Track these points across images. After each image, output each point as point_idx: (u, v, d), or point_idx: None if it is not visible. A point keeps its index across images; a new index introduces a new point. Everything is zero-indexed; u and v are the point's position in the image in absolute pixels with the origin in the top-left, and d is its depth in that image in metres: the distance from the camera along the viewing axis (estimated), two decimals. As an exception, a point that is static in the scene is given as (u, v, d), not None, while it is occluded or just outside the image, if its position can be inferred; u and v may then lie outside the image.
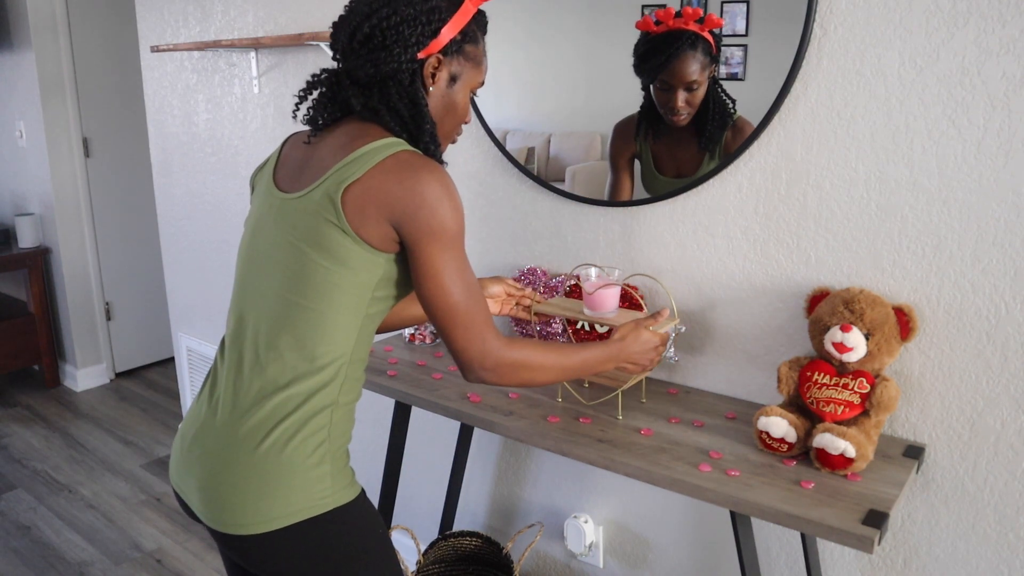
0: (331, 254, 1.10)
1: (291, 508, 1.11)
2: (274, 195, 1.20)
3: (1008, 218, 1.29)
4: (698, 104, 1.56)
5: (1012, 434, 1.35)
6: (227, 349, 1.21)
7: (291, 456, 1.12)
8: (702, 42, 1.52)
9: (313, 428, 1.13)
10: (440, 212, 1.10)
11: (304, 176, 1.17)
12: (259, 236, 1.20)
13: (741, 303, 1.60)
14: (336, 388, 1.15)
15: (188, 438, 1.20)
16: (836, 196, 1.45)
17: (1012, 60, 1.24)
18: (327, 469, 1.14)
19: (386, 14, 1.13)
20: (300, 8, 2.29)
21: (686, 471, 1.32)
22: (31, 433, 3.44)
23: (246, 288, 1.21)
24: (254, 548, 1.13)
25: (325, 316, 1.12)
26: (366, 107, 1.17)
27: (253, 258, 1.20)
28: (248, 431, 1.12)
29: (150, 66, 2.93)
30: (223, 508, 1.13)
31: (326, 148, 1.17)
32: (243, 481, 1.12)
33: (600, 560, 1.96)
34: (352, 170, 1.10)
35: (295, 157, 1.22)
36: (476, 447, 2.15)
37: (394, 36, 1.13)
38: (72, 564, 2.51)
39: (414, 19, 1.13)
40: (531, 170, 1.85)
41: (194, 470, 1.17)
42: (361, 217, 1.09)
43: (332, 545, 1.15)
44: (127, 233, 3.95)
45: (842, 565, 1.58)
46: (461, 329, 1.14)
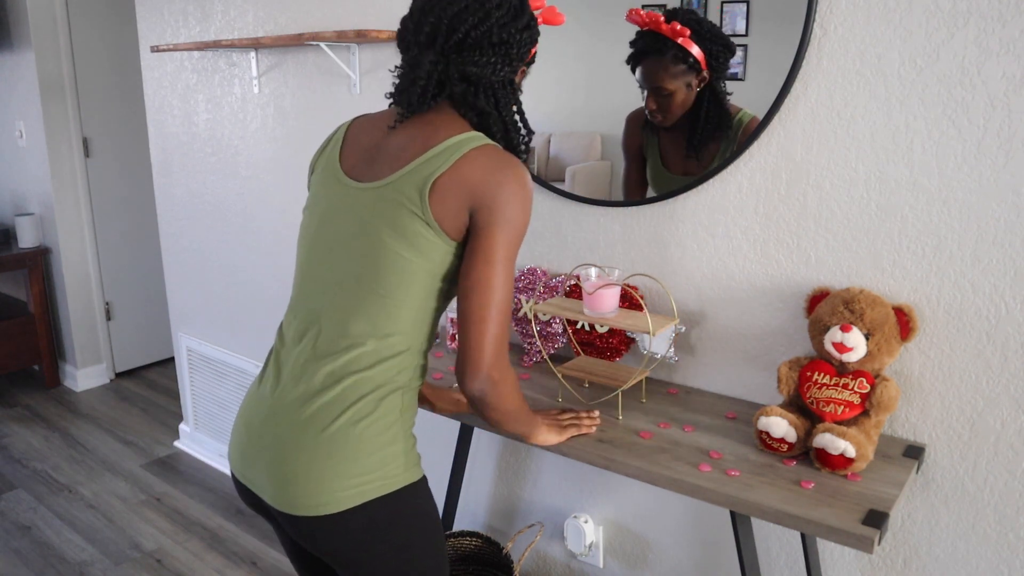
0: (410, 243, 1.13)
1: (366, 485, 1.13)
2: (345, 183, 1.20)
3: (1008, 218, 1.29)
4: (676, 111, 1.57)
5: (1012, 434, 1.35)
6: (293, 334, 1.22)
7: (363, 433, 1.13)
8: (673, 50, 1.53)
9: (386, 409, 1.15)
10: (516, 203, 1.13)
11: (379, 165, 1.18)
12: (329, 224, 1.21)
13: (741, 303, 1.60)
14: (408, 373, 1.18)
15: (256, 423, 1.19)
16: (836, 196, 1.45)
17: (1012, 60, 1.24)
18: (400, 448, 1.17)
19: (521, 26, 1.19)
20: (300, 8, 2.29)
21: (686, 471, 1.32)
22: (31, 433, 3.44)
23: (313, 275, 1.21)
24: (326, 529, 1.13)
25: (400, 304, 1.14)
26: (474, 107, 1.19)
27: (321, 246, 1.21)
28: (317, 412, 1.14)
29: (150, 66, 2.93)
30: (297, 489, 1.13)
31: (404, 137, 1.18)
32: (317, 461, 1.12)
33: (600, 560, 1.96)
34: (439, 162, 1.13)
35: (365, 143, 1.23)
36: (476, 447, 2.15)
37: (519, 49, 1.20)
38: (72, 564, 2.51)
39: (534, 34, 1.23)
40: (531, 170, 1.85)
41: (265, 455, 1.17)
42: (443, 206, 1.12)
43: (402, 523, 1.16)
44: (127, 233, 3.95)
45: (842, 565, 1.58)
46: (492, 332, 1.13)
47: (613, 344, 1.74)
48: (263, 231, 2.64)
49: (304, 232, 1.26)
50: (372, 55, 2.13)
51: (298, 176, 2.45)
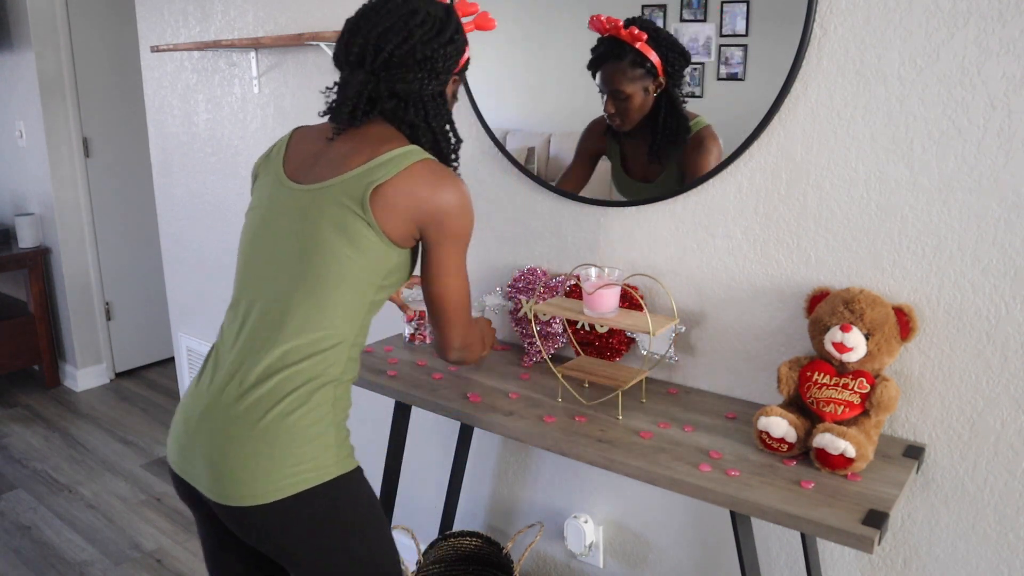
0: (352, 242, 1.20)
1: (298, 476, 1.16)
2: (288, 186, 1.27)
3: (1008, 218, 1.29)
4: (634, 115, 1.62)
5: (1012, 434, 1.35)
6: (231, 330, 1.26)
7: (295, 425, 1.17)
8: (631, 55, 1.58)
9: (317, 401, 1.20)
10: (463, 220, 1.25)
11: (320, 169, 1.25)
12: (270, 223, 1.26)
13: (741, 303, 1.60)
14: (340, 367, 1.23)
15: (193, 419, 1.23)
16: (836, 196, 1.45)
17: (1012, 60, 1.24)
18: (332, 439, 1.21)
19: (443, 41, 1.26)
20: (300, 8, 2.29)
21: (686, 471, 1.32)
22: (31, 433, 3.44)
23: (253, 272, 1.26)
24: (262, 519, 1.17)
25: (335, 300, 1.20)
26: (405, 121, 1.28)
27: (262, 244, 1.26)
28: (251, 405, 1.17)
29: (150, 66, 2.93)
30: (233, 482, 1.16)
31: (347, 147, 1.25)
32: (250, 453, 1.16)
33: (600, 560, 1.96)
34: (382, 172, 1.20)
35: (306, 150, 1.30)
36: (476, 447, 2.15)
37: (443, 64, 1.27)
38: (72, 564, 2.51)
39: (459, 48, 1.29)
40: (531, 170, 1.85)
41: (202, 449, 1.20)
42: (389, 215, 1.20)
43: (336, 514, 1.20)
44: (127, 233, 3.95)
45: (842, 565, 1.58)
46: (459, 319, 1.32)
47: (613, 344, 1.74)
48: (263, 231, 2.63)
49: (245, 233, 1.31)
50: (372, 55, 2.12)
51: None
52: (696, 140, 1.57)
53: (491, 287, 2.00)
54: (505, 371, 1.76)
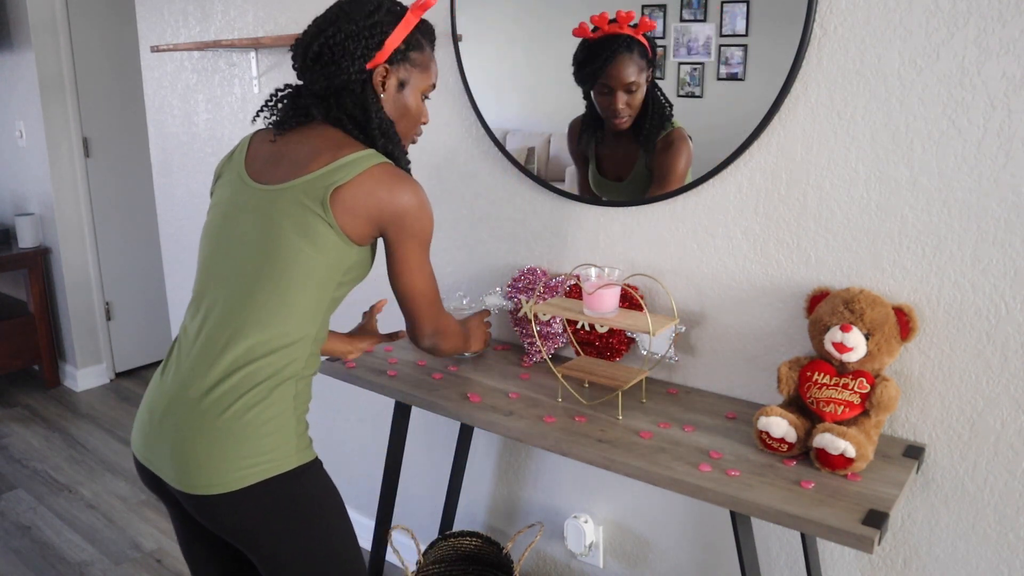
0: (311, 241, 1.23)
1: (258, 466, 1.21)
2: (250, 185, 1.29)
3: (1008, 218, 1.29)
4: (638, 106, 1.62)
5: (1012, 434, 1.35)
6: (194, 325, 1.29)
7: (255, 419, 1.21)
8: (638, 45, 1.58)
9: (279, 396, 1.24)
10: (422, 219, 1.29)
11: (283, 170, 1.28)
12: (231, 222, 1.29)
13: (741, 303, 1.60)
14: (301, 362, 1.27)
15: (158, 412, 1.27)
16: (836, 196, 1.45)
17: (1012, 60, 1.24)
18: (291, 431, 1.25)
19: (331, 32, 1.28)
20: (300, 8, 2.29)
21: (686, 471, 1.32)
22: (31, 433, 3.44)
23: (214, 269, 1.29)
24: (224, 507, 1.22)
25: (296, 297, 1.23)
26: (327, 115, 1.31)
27: (223, 242, 1.29)
28: (215, 400, 1.21)
29: (150, 66, 2.93)
30: (195, 471, 1.21)
31: (306, 148, 1.28)
32: (213, 445, 1.20)
33: (600, 560, 1.96)
34: (342, 174, 1.23)
35: (265, 152, 1.33)
36: (476, 447, 2.15)
37: (340, 51, 1.27)
38: (72, 564, 2.51)
39: (357, 35, 1.28)
40: (531, 170, 1.85)
41: (166, 440, 1.24)
42: (349, 216, 1.23)
43: (296, 502, 1.25)
44: (127, 233, 3.95)
45: (842, 565, 1.58)
46: (427, 309, 1.37)
47: (613, 344, 1.74)
48: (263, 231, 2.63)
49: (207, 230, 1.34)
50: (372, 55, 2.12)
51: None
52: (666, 142, 1.60)
53: (491, 287, 2.00)
54: (505, 371, 1.76)
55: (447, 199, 2.04)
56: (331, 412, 2.53)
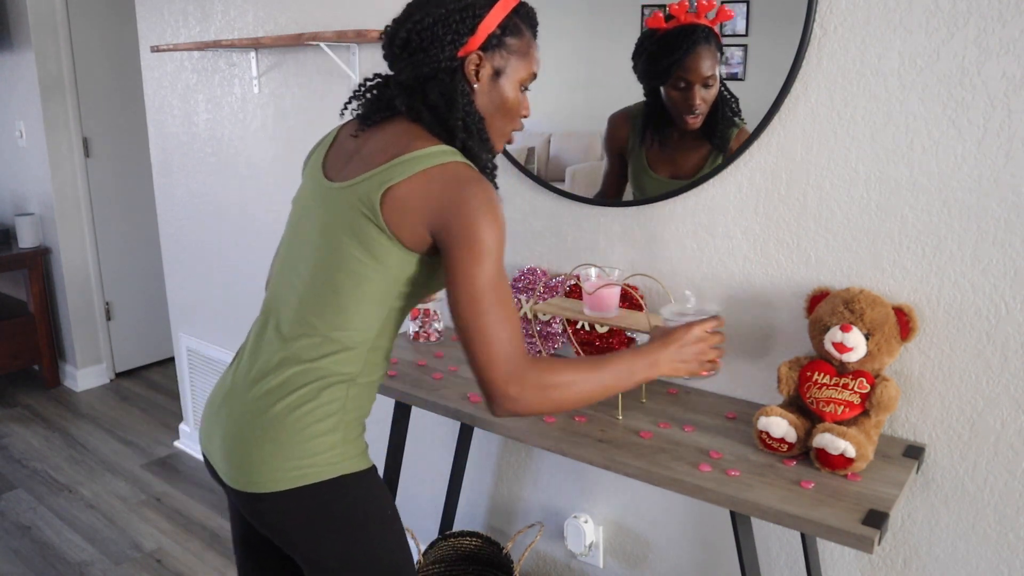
0: (366, 247, 1.14)
1: (302, 470, 1.16)
2: (320, 181, 1.23)
3: (1008, 218, 1.29)
4: (712, 102, 1.53)
5: (1012, 434, 1.35)
6: (261, 319, 1.27)
7: (300, 420, 1.16)
8: (714, 37, 1.50)
9: (327, 399, 1.17)
10: (478, 224, 1.08)
11: (350, 167, 1.20)
12: (303, 218, 1.25)
13: (741, 303, 1.60)
14: (355, 368, 1.19)
15: (216, 402, 1.26)
16: (836, 196, 1.45)
17: (1012, 60, 1.24)
18: (339, 437, 1.18)
19: (419, 17, 1.16)
20: (300, 8, 2.29)
21: (686, 471, 1.32)
22: (31, 433, 3.44)
23: (285, 265, 1.26)
24: (266, 507, 1.18)
25: (351, 303, 1.16)
26: (410, 108, 1.18)
27: (295, 238, 1.26)
28: (263, 394, 1.18)
29: (150, 66, 2.93)
30: (240, 467, 1.18)
31: (375, 144, 1.19)
32: (259, 441, 1.16)
33: (600, 560, 1.96)
34: (396, 172, 1.12)
35: (346, 147, 1.25)
36: (476, 447, 2.15)
37: (429, 37, 1.15)
38: (72, 564, 2.51)
39: (447, 18, 1.15)
40: (531, 170, 1.85)
41: (219, 432, 1.22)
42: (400, 218, 1.11)
43: (337, 511, 1.18)
44: (127, 233, 3.95)
45: (842, 565, 1.58)
46: (486, 344, 1.07)
47: (613, 344, 1.74)
48: (263, 231, 2.64)
49: (287, 224, 1.31)
50: (372, 55, 2.13)
51: (298, 176, 2.45)
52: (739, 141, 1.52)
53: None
54: (505, 371, 1.76)
55: (447, 199, 2.04)
56: (331, 412, 2.53)
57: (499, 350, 1.07)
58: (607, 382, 1.17)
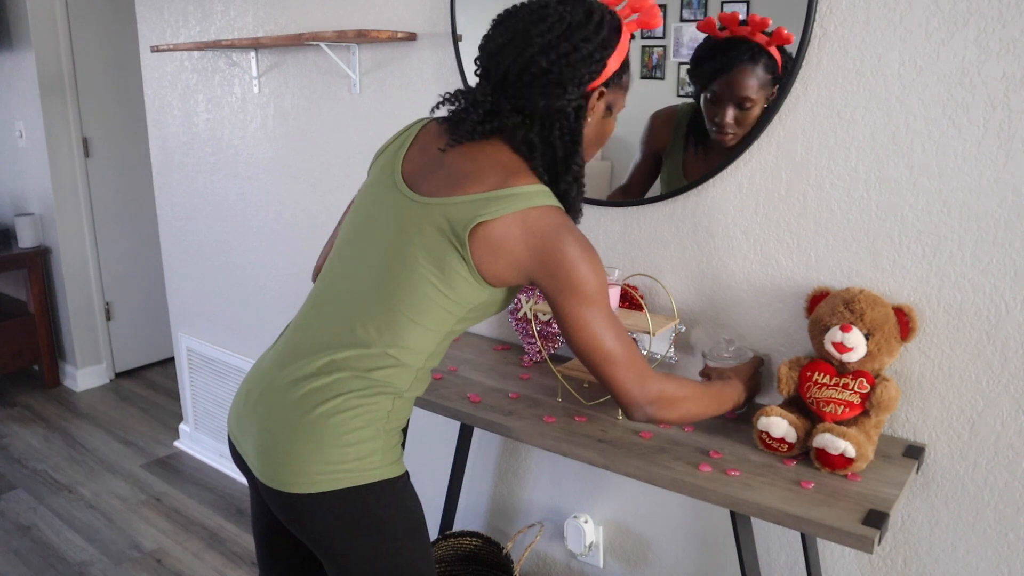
0: (442, 272, 1.13)
1: (337, 473, 1.14)
2: (398, 188, 1.19)
3: (1008, 218, 1.29)
4: (750, 125, 1.47)
5: (1012, 434, 1.35)
6: (308, 316, 1.23)
7: (341, 426, 1.14)
8: (766, 57, 1.42)
9: (370, 407, 1.16)
10: (580, 270, 1.12)
11: (435, 182, 1.16)
12: (371, 223, 1.21)
13: (741, 303, 1.60)
14: (405, 382, 1.19)
15: (253, 395, 1.23)
16: (836, 196, 1.45)
17: (1012, 60, 1.24)
18: (379, 444, 1.17)
19: (566, 50, 1.11)
20: (300, 8, 2.29)
21: (686, 471, 1.32)
22: (31, 433, 3.44)
23: (341, 266, 1.22)
24: (299, 507, 1.16)
25: (413, 323, 1.15)
26: (524, 140, 1.15)
27: (359, 239, 1.21)
28: (305, 395, 1.16)
29: (150, 66, 2.93)
30: (276, 465, 1.16)
31: (468, 165, 1.15)
32: (297, 442, 1.15)
33: (600, 560, 1.96)
34: (494, 208, 1.10)
35: (429, 156, 1.20)
36: (476, 447, 2.15)
37: (571, 73, 1.12)
38: (72, 564, 2.51)
39: (591, 55, 1.12)
40: (531, 170, 1.84)
41: (254, 426, 1.20)
42: (490, 256, 1.11)
43: (373, 516, 1.18)
44: (127, 233, 3.95)
45: (842, 565, 1.58)
46: (621, 372, 1.18)
47: (613, 344, 1.74)
48: (263, 231, 2.64)
49: (348, 220, 1.26)
50: (372, 55, 2.13)
51: (298, 176, 2.45)
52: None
53: (491, 287, 2.00)
54: (505, 371, 1.76)
55: (447, 199, 2.04)
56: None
57: (627, 375, 1.18)
58: (710, 406, 1.32)
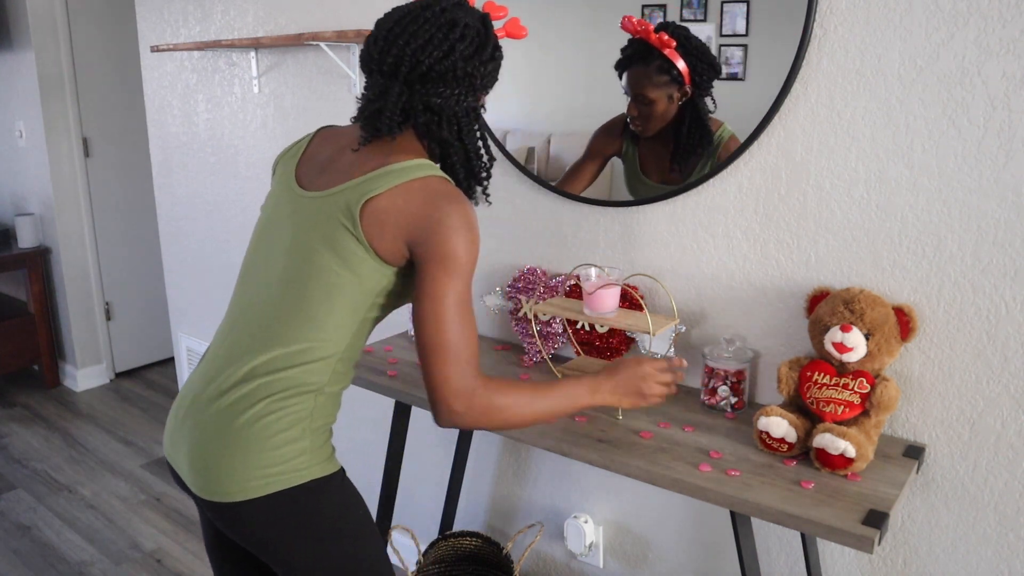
0: (342, 258, 1.15)
1: (269, 478, 1.16)
2: (293, 189, 1.23)
3: (1008, 218, 1.29)
4: (656, 121, 1.60)
5: (1012, 434, 1.35)
6: (227, 328, 1.25)
7: (267, 428, 1.16)
8: (658, 60, 1.55)
9: (294, 408, 1.17)
10: (454, 240, 1.11)
11: (327, 176, 1.21)
12: (273, 226, 1.24)
13: (741, 303, 1.60)
14: (324, 378, 1.20)
15: (181, 412, 1.25)
16: (836, 196, 1.45)
17: (1012, 60, 1.24)
18: (306, 444, 1.19)
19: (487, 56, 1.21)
20: (300, 8, 2.29)
21: (686, 471, 1.32)
22: (31, 433, 3.44)
23: (253, 273, 1.25)
24: (236, 515, 1.18)
25: (324, 314, 1.16)
26: (435, 136, 1.22)
27: (264, 246, 1.25)
28: (229, 406, 1.17)
29: (150, 66, 2.93)
30: (208, 477, 1.18)
31: (358, 155, 1.20)
32: (226, 452, 1.16)
33: (600, 560, 1.96)
34: (377, 184, 1.14)
35: (323, 155, 1.26)
36: (476, 447, 2.15)
37: (483, 80, 1.22)
38: (72, 564, 2.51)
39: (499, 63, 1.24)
40: (531, 170, 1.85)
41: (185, 441, 1.22)
42: (378, 231, 1.13)
43: (309, 516, 1.19)
44: (127, 233, 3.94)
45: (842, 565, 1.58)
46: (443, 360, 1.11)
47: (613, 344, 1.74)
48: (263, 231, 2.63)
49: (254, 231, 1.30)
50: (372, 55, 2.12)
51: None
52: (726, 149, 1.55)
53: (491, 287, 2.00)
54: (505, 371, 1.76)
55: (447, 199, 2.04)
56: (331, 412, 2.53)
57: (456, 368, 1.11)
58: (548, 407, 1.21)
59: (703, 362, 1.57)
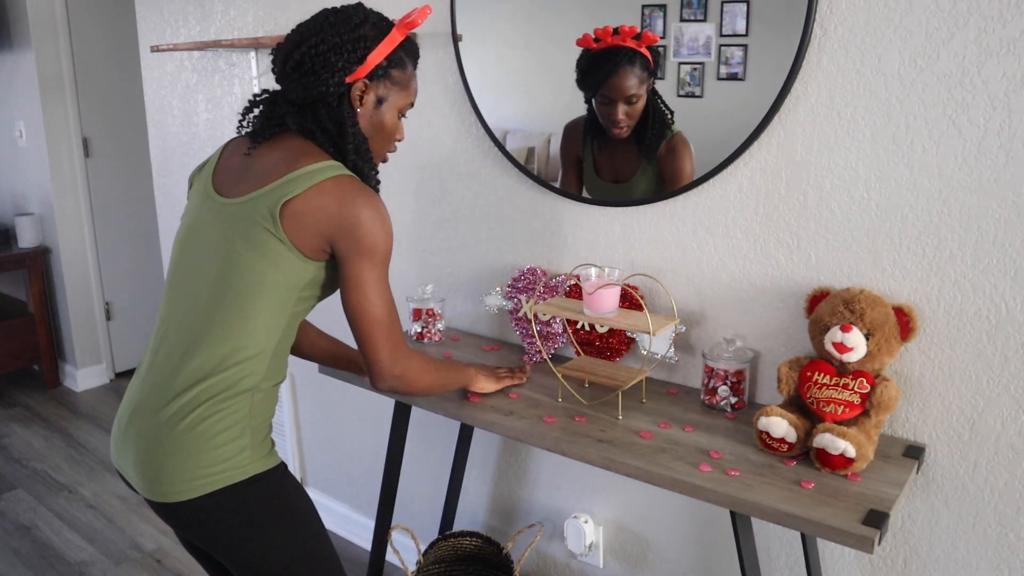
0: (265, 257, 1.22)
1: (212, 476, 1.22)
2: (213, 198, 1.29)
3: (1008, 218, 1.29)
4: (638, 116, 1.62)
5: (1012, 434, 1.35)
6: (160, 337, 1.30)
7: (208, 430, 1.22)
8: (640, 58, 1.59)
9: (232, 408, 1.24)
10: (373, 233, 1.22)
11: (244, 183, 1.27)
12: (195, 235, 1.29)
13: (741, 303, 1.60)
14: (258, 376, 1.26)
15: (124, 420, 1.30)
16: (836, 196, 1.45)
17: (1012, 60, 1.24)
18: (246, 442, 1.25)
19: (315, 42, 1.26)
20: (300, 8, 2.29)
21: (686, 471, 1.32)
22: (31, 433, 3.44)
23: (177, 283, 1.30)
24: (186, 515, 1.24)
25: (253, 312, 1.23)
26: (301, 127, 1.28)
27: (187, 254, 1.30)
28: (172, 413, 1.22)
29: (150, 66, 2.93)
30: (156, 480, 1.23)
31: (268, 160, 1.26)
32: (170, 455, 1.22)
33: (600, 560, 1.96)
34: (292, 187, 1.21)
35: (235, 164, 1.32)
36: (476, 447, 2.15)
37: (321, 62, 1.26)
38: (72, 564, 2.51)
39: (340, 47, 1.26)
40: (531, 170, 1.85)
41: (130, 448, 1.27)
42: (298, 230, 1.21)
43: (255, 509, 1.25)
44: (127, 233, 3.94)
45: (842, 565, 1.58)
46: (381, 338, 1.27)
47: (613, 344, 1.74)
48: (263, 231, 2.63)
49: (175, 242, 1.35)
50: (372, 55, 2.12)
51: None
52: (669, 147, 1.60)
53: (491, 287, 2.00)
54: (505, 371, 1.76)
55: (447, 199, 2.04)
56: (331, 412, 2.53)
57: (387, 337, 1.27)
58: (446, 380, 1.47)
59: (703, 362, 1.57)
